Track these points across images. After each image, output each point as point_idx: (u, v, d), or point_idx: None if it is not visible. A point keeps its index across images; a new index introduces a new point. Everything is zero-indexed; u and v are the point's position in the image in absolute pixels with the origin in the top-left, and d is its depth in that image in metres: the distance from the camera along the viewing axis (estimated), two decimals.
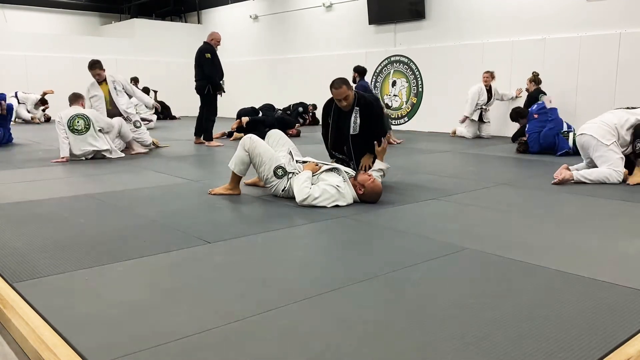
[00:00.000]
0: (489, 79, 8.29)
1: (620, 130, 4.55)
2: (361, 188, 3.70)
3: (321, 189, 3.62)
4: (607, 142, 4.52)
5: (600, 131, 4.58)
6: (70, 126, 5.94)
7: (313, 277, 2.31)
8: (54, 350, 1.61)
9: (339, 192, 3.63)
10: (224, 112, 14.47)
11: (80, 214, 3.46)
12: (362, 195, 3.71)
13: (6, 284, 2.17)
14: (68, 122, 5.93)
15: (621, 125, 4.56)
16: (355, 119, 4.28)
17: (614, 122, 4.58)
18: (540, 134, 6.46)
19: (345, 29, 11.38)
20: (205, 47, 7.64)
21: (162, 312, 1.90)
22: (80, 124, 5.96)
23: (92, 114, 6.12)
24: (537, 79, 7.86)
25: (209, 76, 7.49)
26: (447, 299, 2.03)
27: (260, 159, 3.86)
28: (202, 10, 15.54)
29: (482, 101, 8.32)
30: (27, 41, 12.86)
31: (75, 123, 5.95)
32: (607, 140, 4.53)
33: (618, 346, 1.64)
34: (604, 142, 4.53)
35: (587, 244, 2.81)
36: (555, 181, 4.51)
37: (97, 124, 6.06)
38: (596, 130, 4.60)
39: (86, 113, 6.06)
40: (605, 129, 4.57)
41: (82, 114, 6.03)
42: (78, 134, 5.96)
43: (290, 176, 3.84)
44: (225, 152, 6.70)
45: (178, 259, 2.53)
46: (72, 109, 6.12)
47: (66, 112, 6.07)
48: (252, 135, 4.00)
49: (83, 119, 5.98)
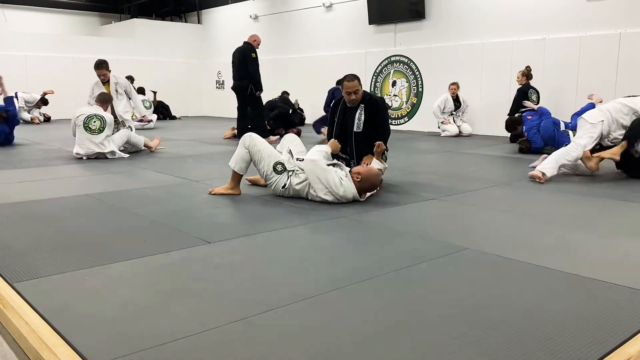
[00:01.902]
0: (455, 89, 8.91)
1: (617, 113, 4.73)
2: (357, 176, 3.74)
3: (329, 169, 3.70)
4: (593, 120, 4.71)
5: (591, 113, 4.82)
6: (86, 124, 5.97)
7: (313, 277, 2.31)
8: (54, 350, 1.61)
9: (341, 183, 3.67)
10: (224, 112, 14.50)
11: (80, 214, 3.46)
12: (361, 183, 3.73)
13: (6, 284, 2.17)
14: (85, 120, 5.98)
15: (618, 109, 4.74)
16: (359, 116, 4.33)
17: (606, 107, 4.81)
18: (538, 128, 6.48)
19: (345, 29, 11.37)
20: (248, 47, 7.76)
21: (162, 312, 1.90)
22: (97, 124, 5.99)
23: (110, 119, 6.15)
24: (530, 74, 8.01)
25: (253, 75, 7.63)
26: (447, 299, 2.03)
27: (260, 155, 3.92)
28: (202, 10, 15.54)
29: (449, 109, 9.01)
30: (27, 41, 12.85)
31: (91, 122, 5.98)
32: (594, 119, 4.72)
33: (618, 346, 1.64)
34: (589, 120, 4.73)
35: (587, 244, 2.81)
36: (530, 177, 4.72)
37: (109, 129, 6.10)
38: (588, 113, 4.84)
39: (105, 116, 6.09)
40: (596, 110, 4.83)
41: (101, 115, 6.07)
42: (90, 133, 5.98)
43: (290, 174, 3.86)
44: (225, 153, 6.70)
45: (178, 259, 2.54)
46: (92, 108, 6.18)
47: (82, 110, 6.13)
48: (252, 133, 4.08)
49: (100, 120, 6.02)
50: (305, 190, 3.80)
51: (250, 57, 7.65)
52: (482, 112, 9.02)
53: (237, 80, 7.79)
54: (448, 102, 8.97)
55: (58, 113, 12.27)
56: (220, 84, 15.05)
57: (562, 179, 4.76)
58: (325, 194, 3.69)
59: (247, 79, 7.68)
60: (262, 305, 1.94)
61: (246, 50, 7.72)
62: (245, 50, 7.71)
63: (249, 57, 7.65)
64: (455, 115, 9.11)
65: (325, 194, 3.69)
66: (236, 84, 7.83)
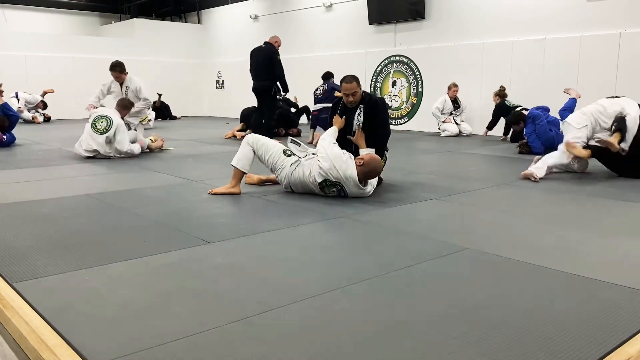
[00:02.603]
0: (455, 91, 8.97)
1: (598, 115, 4.81)
2: (360, 161, 3.81)
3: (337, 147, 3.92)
4: (578, 125, 4.84)
5: (575, 117, 4.91)
6: (94, 122, 6.01)
7: (313, 277, 2.31)
8: (54, 350, 1.61)
9: (347, 159, 3.80)
10: (224, 112, 14.50)
11: (80, 214, 3.46)
12: (362, 167, 3.78)
13: (6, 284, 2.17)
14: (95, 118, 6.02)
15: (600, 112, 4.82)
16: (359, 116, 4.33)
17: (589, 110, 4.88)
18: (536, 131, 6.51)
19: (345, 29, 11.37)
20: (272, 48, 7.81)
21: (162, 312, 1.90)
22: (103, 125, 5.99)
23: (119, 125, 6.07)
24: (503, 93, 8.31)
25: (280, 77, 7.72)
26: (447, 299, 2.03)
27: (265, 148, 4.05)
28: (202, 10, 15.54)
29: (448, 110, 9.05)
30: (27, 41, 12.85)
31: (99, 122, 6.00)
32: (579, 124, 4.84)
33: (618, 346, 1.64)
34: (574, 125, 4.85)
35: (587, 243, 2.81)
36: (521, 177, 4.83)
37: (117, 134, 6.03)
38: (572, 117, 4.96)
39: (114, 119, 6.05)
40: (580, 114, 4.90)
41: (111, 117, 6.05)
42: (95, 132, 5.99)
43: (301, 156, 4.01)
44: (225, 153, 6.70)
45: (178, 259, 2.53)
46: (106, 109, 6.21)
47: (100, 109, 6.19)
48: (253, 133, 4.21)
49: (107, 121, 6.00)
50: (313, 167, 3.86)
51: (276, 59, 7.70)
52: (482, 112, 9.01)
53: (261, 81, 7.79)
54: (447, 104, 9.02)
55: (58, 113, 12.27)
56: (220, 84, 15.04)
57: (562, 179, 4.77)
58: (328, 169, 3.76)
59: (272, 80, 7.72)
60: (262, 305, 1.94)
61: (271, 51, 7.74)
62: (269, 52, 7.73)
63: (275, 59, 7.70)
64: (455, 116, 9.15)
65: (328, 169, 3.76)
66: (260, 84, 7.82)
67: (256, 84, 7.91)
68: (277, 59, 7.72)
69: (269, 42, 7.92)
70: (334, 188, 3.83)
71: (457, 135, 8.95)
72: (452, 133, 8.93)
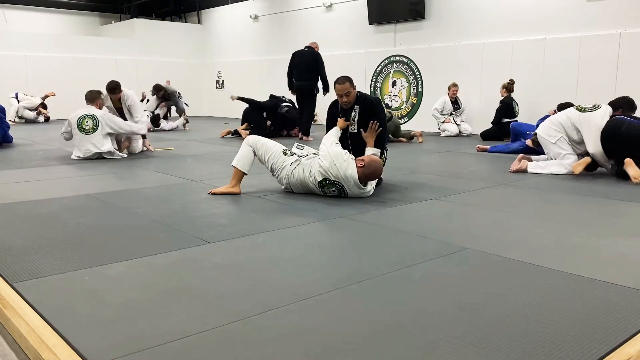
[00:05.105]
0: (455, 91, 9.00)
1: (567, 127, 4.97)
2: (361, 162, 3.81)
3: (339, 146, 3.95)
4: (552, 139, 5.02)
5: (545, 129, 5.12)
6: (79, 125, 5.98)
7: (313, 277, 2.31)
8: (54, 350, 1.61)
9: (348, 158, 3.82)
10: (224, 112, 14.50)
11: (80, 214, 3.46)
12: (363, 169, 3.79)
13: (6, 284, 2.17)
14: (78, 121, 5.99)
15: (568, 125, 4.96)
16: (354, 117, 4.33)
17: (558, 120, 5.03)
18: None
19: (345, 29, 11.37)
20: (316, 52, 8.50)
21: (162, 312, 1.90)
22: (89, 124, 5.98)
23: (103, 116, 6.10)
24: (511, 87, 8.28)
25: (325, 78, 8.35)
26: (447, 299, 2.03)
27: (265, 148, 4.07)
28: (202, 10, 15.54)
29: (448, 110, 9.09)
30: (27, 41, 12.85)
31: (84, 122, 5.99)
32: (552, 137, 5.02)
33: (618, 346, 1.64)
34: (549, 139, 5.06)
35: (587, 243, 2.81)
36: (511, 170, 5.10)
37: (105, 127, 6.04)
38: (542, 129, 5.14)
39: (96, 114, 6.06)
40: (549, 126, 5.09)
41: (92, 114, 6.05)
42: (85, 133, 5.99)
43: (301, 155, 4.03)
44: (225, 153, 6.70)
45: (178, 259, 2.54)
46: (85, 108, 6.15)
47: (78, 112, 6.11)
48: (254, 135, 4.21)
49: (92, 119, 6.00)
50: (314, 166, 3.87)
51: (321, 61, 8.41)
52: (482, 112, 9.01)
53: (306, 81, 8.42)
54: (446, 104, 9.04)
55: (58, 113, 12.26)
56: (220, 84, 15.04)
57: (562, 180, 4.76)
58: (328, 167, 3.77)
59: (315, 80, 8.38)
60: (262, 305, 1.94)
61: (316, 55, 8.44)
62: (315, 55, 8.42)
63: (321, 61, 8.40)
64: (455, 116, 9.17)
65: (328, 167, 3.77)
66: (304, 84, 8.44)
67: (300, 84, 8.48)
68: (322, 61, 8.44)
69: (311, 46, 8.65)
70: (334, 187, 3.84)
71: (457, 135, 8.96)
72: (452, 133, 8.94)
